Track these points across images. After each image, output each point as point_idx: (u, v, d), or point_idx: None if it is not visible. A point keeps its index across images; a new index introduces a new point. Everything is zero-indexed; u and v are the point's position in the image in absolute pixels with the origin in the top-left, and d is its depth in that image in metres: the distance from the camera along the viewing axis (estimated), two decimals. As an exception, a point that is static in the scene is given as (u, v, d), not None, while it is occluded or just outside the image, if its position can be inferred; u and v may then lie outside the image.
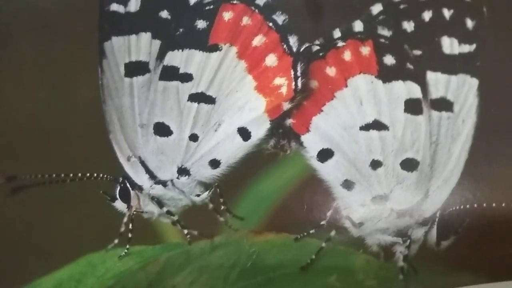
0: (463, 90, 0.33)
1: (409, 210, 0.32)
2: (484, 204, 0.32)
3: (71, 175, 0.33)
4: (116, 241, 0.33)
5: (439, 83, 0.33)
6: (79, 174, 0.33)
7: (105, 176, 0.33)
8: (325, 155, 0.33)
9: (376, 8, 0.34)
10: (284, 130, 0.33)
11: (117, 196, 0.33)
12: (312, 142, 0.33)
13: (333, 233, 0.32)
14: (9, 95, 0.35)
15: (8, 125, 0.35)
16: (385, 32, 0.33)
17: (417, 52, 0.33)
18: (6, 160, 0.34)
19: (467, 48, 0.33)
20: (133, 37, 0.33)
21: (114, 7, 0.34)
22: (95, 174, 0.33)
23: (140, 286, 0.31)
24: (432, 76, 0.33)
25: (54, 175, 0.33)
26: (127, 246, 0.32)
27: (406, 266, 0.31)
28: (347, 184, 0.32)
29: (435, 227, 0.32)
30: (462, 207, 0.32)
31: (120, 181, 0.33)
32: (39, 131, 0.34)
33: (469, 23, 0.34)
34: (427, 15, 0.34)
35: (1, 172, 0.33)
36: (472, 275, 0.31)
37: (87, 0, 0.34)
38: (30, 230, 0.33)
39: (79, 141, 0.34)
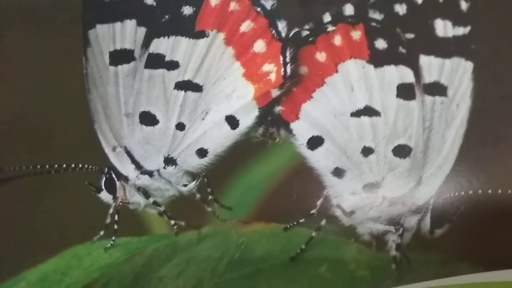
0: (457, 74, 0.32)
1: (401, 198, 0.31)
2: (480, 191, 0.31)
3: (56, 166, 0.32)
4: (101, 232, 0.32)
5: (432, 67, 0.32)
6: (64, 165, 0.32)
7: (90, 167, 0.33)
8: (315, 142, 0.32)
9: (367, -9, 0.33)
10: (273, 118, 0.33)
11: (103, 187, 0.33)
12: (301, 130, 0.32)
13: (323, 222, 0.31)
14: (-7, 86, 0.35)
15: (-8, 116, 0.34)
16: (377, 15, 0.32)
17: (410, 36, 0.32)
18: (-10, 152, 0.33)
19: (461, 30, 0.32)
20: (117, 24, 0.33)
21: (99, -6, 0.33)
22: (80, 165, 0.32)
23: (126, 278, 0.31)
24: (425, 60, 0.32)
25: (38, 167, 0.32)
26: (113, 238, 0.32)
27: (399, 255, 0.31)
28: (338, 172, 0.32)
29: (428, 215, 0.31)
30: (456, 194, 0.31)
31: (106, 171, 0.32)
32: (23, 122, 0.34)
33: (463, 5, 0.33)
34: (419, -3, 0.33)
35: (-15, 164, 0.33)
36: (467, 264, 0.30)
37: (71, -12, 0.34)
38: (15, 222, 0.33)
39: (64, 131, 0.33)
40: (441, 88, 0.32)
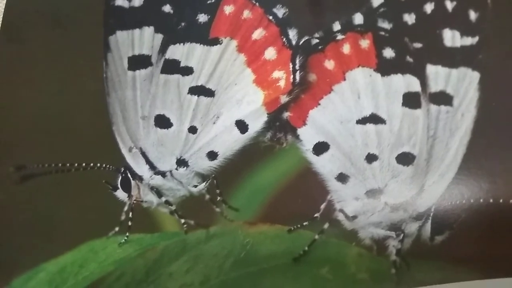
0: (463, 83, 0.32)
1: (403, 204, 0.32)
2: (481, 200, 0.31)
3: (76, 164, 0.34)
4: (116, 228, 0.34)
5: (439, 76, 0.33)
6: (83, 164, 0.34)
7: (108, 166, 0.34)
8: (320, 148, 0.33)
9: (377, 1, 0.33)
10: (281, 123, 0.33)
11: (119, 185, 0.34)
12: (308, 135, 0.33)
13: (326, 225, 0.32)
14: (19, 89, 0.36)
15: (18, 117, 0.36)
16: (386, 24, 0.33)
17: (418, 45, 0.33)
18: (16, 150, 0.35)
19: (469, 40, 0.33)
20: (136, 31, 0.34)
21: (119, 2, 0.35)
22: (98, 164, 0.34)
23: (138, 273, 0.32)
24: (432, 70, 0.32)
25: (60, 165, 0.34)
26: (127, 234, 0.34)
27: (399, 260, 0.31)
28: (342, 177, 0.33)
29: (429, 222, 0.32)
30: (458, 202, 0.32)
31: (122, 171, 0.34)
32: (47, 123, 0.36)
33: (472, 15, 0.33)
34: (429, 7, 0.33)
35: (11, 161, 0.35)
36: (466, 271, 0.31)
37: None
38: (37, 216, 0.34)
39: (84, 132, 0.35)
40: (446, 98, 0.32)
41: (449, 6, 0.33)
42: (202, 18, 0.34)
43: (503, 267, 0.31)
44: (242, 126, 0.33)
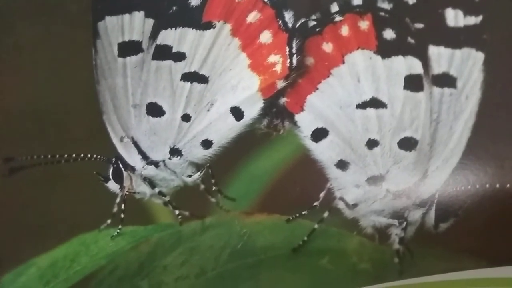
0: (467, 64, 0.31)
1: (406, 191, 0.31)
2: (487, 185, 0.30)
3: (66, 156, 0.33)
4: (108, 221, 0.33)
5: (441, 57, 0.31)
6: (74, 155, 0.33)
7: (99, 157, 0.33)
8: (319, 134, 0.32)
9: (376, -20, 0.32)
10: (278, 109, 0.32)
11: (110, 176, 0.33)
12: (306, 121, 0.32)
13: (326, 214, 0.31)
14: (7, 78, 0.36)
15: (6, 107, 0.35)
16: (385, 5, 0.32)
17: (419, 26, 0.32)
18: (4, 141, 0.34)
19: (472, 20, 0.31)
20: (126, 16, 0.33)
21: (108, -14, 0.33)
22: (89, 155, 0.33)
23: (131, 266, 0.31)
24: (434, 51, 0.31)
25: (49, 156, 0.33)
26: (120, 226, 0.33)
27: (402, 249, 0.30)
28: (342, 164, 0.32)
29: (433, 209, 0.31)
30: (463, 188, 0.31)
31: (113, 161, 0.33)
32: (35, 113, 0.35)
33: (476, -7, 0.32)
34: (430, -14, 0.32)
35: (-1, 153, 0.34)
36: (472, 260, 0.30)
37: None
38: (27, 209, 0.34)
39: (74, 122, 0.34)
40: (450, 80, 0.31)
41: (452, -16, 0.32)
42: (194, 1, 0.33)
43: (509, 254, 0.30)
44: (237, 113, 0.32)
